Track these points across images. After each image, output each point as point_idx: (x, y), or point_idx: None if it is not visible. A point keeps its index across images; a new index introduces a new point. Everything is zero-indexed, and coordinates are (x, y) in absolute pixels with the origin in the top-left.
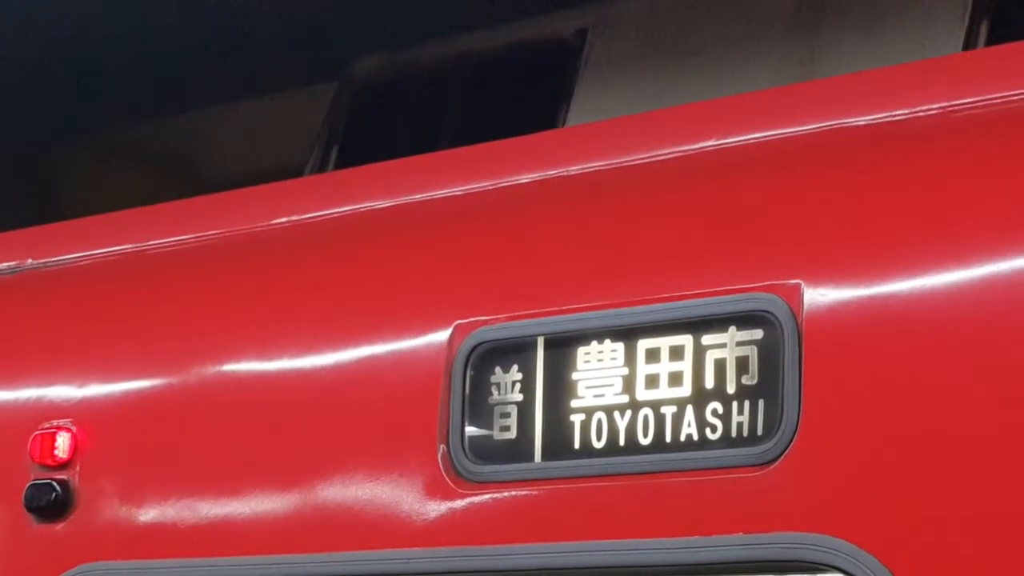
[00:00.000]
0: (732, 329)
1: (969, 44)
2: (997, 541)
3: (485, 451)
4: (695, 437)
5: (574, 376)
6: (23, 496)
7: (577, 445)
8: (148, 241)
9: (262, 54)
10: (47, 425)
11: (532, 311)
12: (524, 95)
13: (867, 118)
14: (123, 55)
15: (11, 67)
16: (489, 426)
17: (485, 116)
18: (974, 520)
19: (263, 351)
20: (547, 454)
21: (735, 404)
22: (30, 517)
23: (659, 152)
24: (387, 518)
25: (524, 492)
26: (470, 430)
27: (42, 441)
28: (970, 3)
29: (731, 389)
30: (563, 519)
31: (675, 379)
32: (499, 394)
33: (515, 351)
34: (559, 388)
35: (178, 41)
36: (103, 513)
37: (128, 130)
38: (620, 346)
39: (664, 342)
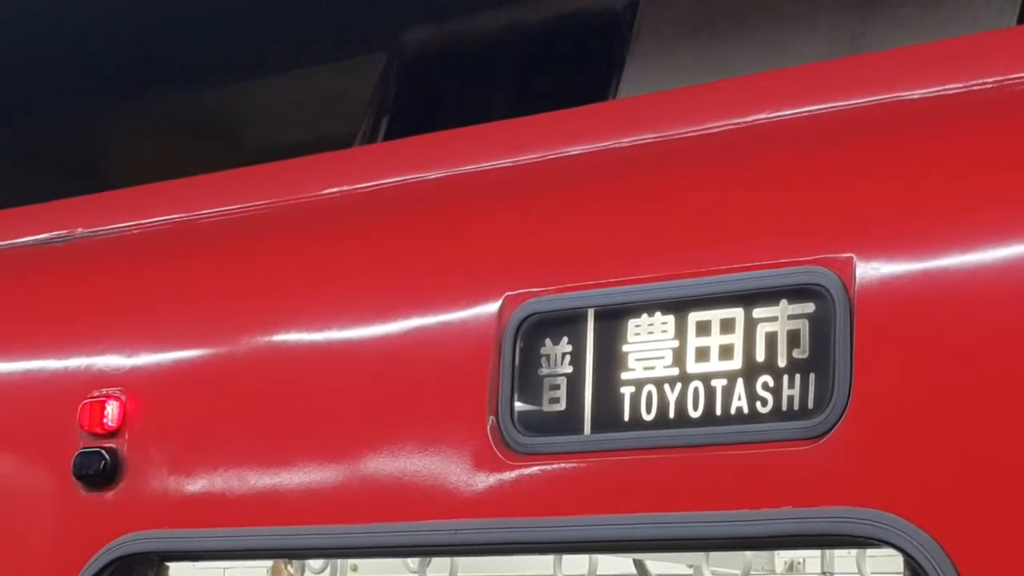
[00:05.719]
0: (783, 302)
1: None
2: None
3: (534, 423)
4: (745, 410)
5: (624, 348)
6: (72, 464)
7: (627, 418)
8: (198, 211)
9: (312, 23)
10: (96, 393)
11: (582, 283)
12: (575, 67)
13: (921, 91)
14: (171, 24)
15: (57, 36)
16: (538, 398)
17: (536, 88)
18: None
19: (313, 321)
20: (596, 426)
21: (786, 378)
22: (79, 485)
23: (711, 125)
24: (435, 489)
25: (573, 464)
26: (519, 402)
27: (91, 409)
28: None
29: (782, 363)
30: (611, 492)
31: (726, 352)
32: (548, 366)
33: (565, 323)
34: (609, 360)
35: (227, 9)
36: (152, 482)
37: (176, 100)
38: (671, 318)
39: (715, 315)
